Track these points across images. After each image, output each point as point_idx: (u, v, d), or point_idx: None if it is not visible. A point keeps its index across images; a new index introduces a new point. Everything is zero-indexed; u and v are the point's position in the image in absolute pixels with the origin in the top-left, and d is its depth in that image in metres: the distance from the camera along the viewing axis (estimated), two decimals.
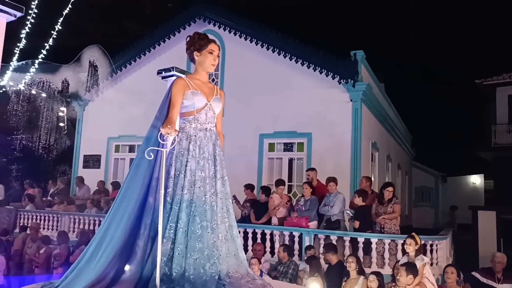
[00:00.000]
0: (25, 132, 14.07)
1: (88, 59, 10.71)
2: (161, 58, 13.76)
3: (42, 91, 11.88)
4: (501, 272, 6.88)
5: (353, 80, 11.10)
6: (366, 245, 7.95)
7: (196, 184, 3.24)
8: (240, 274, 3.26)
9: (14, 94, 11.47)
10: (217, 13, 13.00)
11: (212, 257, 3.13)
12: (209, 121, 3.45)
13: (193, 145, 3.33)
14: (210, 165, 3.36)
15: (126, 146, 14.46)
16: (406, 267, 5.78)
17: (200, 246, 3.11)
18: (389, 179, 15.28)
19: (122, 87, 13.88)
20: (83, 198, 12.40)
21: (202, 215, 3.18)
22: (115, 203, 3.29)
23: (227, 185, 3.45)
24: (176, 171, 3.28)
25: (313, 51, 11.57)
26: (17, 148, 14.91)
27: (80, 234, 9.67)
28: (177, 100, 3.35)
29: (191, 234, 3.13)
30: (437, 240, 8.46)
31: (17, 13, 3.81)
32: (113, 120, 13.74)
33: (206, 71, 3.57)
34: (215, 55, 3.54)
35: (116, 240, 3.10)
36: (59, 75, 11.18)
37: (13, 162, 18.06)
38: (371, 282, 6.12)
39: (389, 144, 16.43)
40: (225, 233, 3.32)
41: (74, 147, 14.94)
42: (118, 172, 14.40)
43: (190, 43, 3.55)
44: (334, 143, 11.14)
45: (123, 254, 3.10)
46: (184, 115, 3.44)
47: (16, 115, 12.18)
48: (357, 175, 10.85)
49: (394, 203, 8.17)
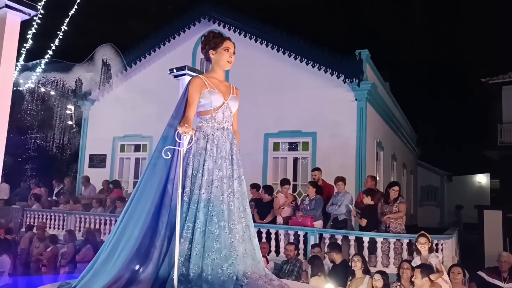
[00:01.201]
0: (36, 131, 14.18)
1: (98, 58, 10.76)
2: (166, 57, 13.81)
3: (51, 89, 11.96)
4: (507, 272, 6.86)
5: (358, 79, 11.09)
6: (371, 244, 7.94)
7: (214, 184, 3.22)
8: (258, 275, 3.24)
9: (28, 93, 11.56)
10: (222, 12, 13.02)
11: (230, 257, 3.11)
12: (226, 120, 3.42)
13: (210, 144, 3.31)
14: (227, 165, 3.34)
15: (131, 145, 14.52)
16: (422, 269, 5.76)
17: (218, 246, 3.09)
18: (394, 179, 15.24)
19: (127, 87, 13.93)
20: (89, 198, 12.47)
21: (219, 215, 3.16)
22: (132, 203, 3.27)
23: (244, 184, 3.43)
24: (194, 171, 3.25)
25: (318, 50, 11.56)
26: (31, 147, 15.02)
27: (86, 233, 9.72)
28: (194, 99, 3.32)
29: (208, 234, 3.11)
30: (443, 240, 8.44)
31: (31, 11, 3.79)
32: (118, 120, 13.79)
33: (222, 69, 3.53)
34: (231, 52, 3.51)
35: (133, 240, 3.08)
36: (68, 75, 11.25)
37: (26, 161, 18.16)
38: (376, 281, 6.12)
39: (394, 143, 16.39)
40: (242, 233, 3.29)
41: (80, 147, 15.03)
42: (124, 172, 14.47)
43: (205, 42, 3.53)
44: (339, 142, 11.13)
45: (140, 254, 3.08)
46: (201, 114, 3.41)
47: (30, 114, 12.29)
48: (362, 175, 10.84)
49: (400, 203, 8.17)
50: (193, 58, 13.59)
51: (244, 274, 3.15)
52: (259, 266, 3.34)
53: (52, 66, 10.98)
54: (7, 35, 3.68)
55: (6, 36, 3.68)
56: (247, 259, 3.25)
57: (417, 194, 24.37)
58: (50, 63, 10.69)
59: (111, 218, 10.69)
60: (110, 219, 10.67)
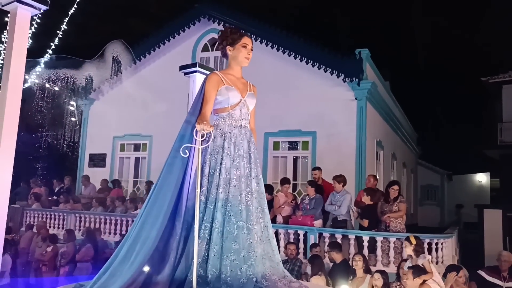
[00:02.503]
0: (39, 129, 14.19)
1: (101, 57, 10.75)
2: (165, 57, 13.82)
3: (51, 87, 11.95)
4: (507, 271, 6.86)
5: (358, 78, 11.08)
6: (371, 244, 7.94)
7: (232, 183, 3.14)
8: (277, 277, 3.15)
9: (38, 90, 11.56)
10: (222, 12, 13.01)
11: (249, 258, 3.03)
12: (243, 118, 3.36)
13: (228, 143, 3.23)
14: (245, 163, 3.26)
15: (131, 145, 14.52)
16: (413, 270, 5.75)
17: (236, 247, 3.00)
18: (394, 178, 15.24)
19: (126, 87, 13.92)
20: (89, 197, 12.48)
21: (238, 215, 3.08)
22: (149, 202, 3.19)
23: (261, 184, 3.37)
24: (211, 169, 3.18)
25: (318, 49, 11.56)
26: (42, 145, 15.03)
27: (86, 233, 9.71)
28: (210, 96, 3.24)
29: (227, 234, 3.02)
30: (443, 239, 8.44)
31: (42, 6, 3.71)
32: (118, 119, 13.79)
33: (240, 66, 3.45)
34: (249, 48, 3.42)
35: (151, 240, 3.01)
36: (68, 73, 11.24)
37: (35, 160, 18.14)
38: (376, 281, 6.11)
39: (394, 143, 16.39)
40: (260, 234, 3.21)
41: (80, 146, 15.03)
42: (124, 171, 14.47)
43: (222, 38, 3.43)
44: (339, 141, 11.13)
45: (157, 255, 3.02)
46: (218, 112, 3.33)
47: (41, 112, 12.31)
48: (362, 174, 10.84)
49: (400, 202, 8.16)
50: (193, 57, 13.57)
51: (263, 275, 3.07)
52: (278, 267, 3.26)
53: (51, 65, 10.97)
54: (17, 30, 3.61)
55: (16, 31, 3.60)
56: (266, 261, 3.18)
57: (417, 193, 24.37)
58: (49, 61, 10.68)
59: (111, 217, 10.70)
60: (110, 218, 10.68)
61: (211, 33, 13.50)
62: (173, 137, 12.35)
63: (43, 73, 11.20)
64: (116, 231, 10.45)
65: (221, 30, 3.52)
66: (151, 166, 13.76)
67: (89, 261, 8.73)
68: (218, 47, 3.50)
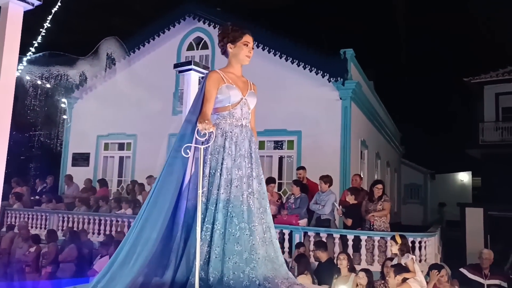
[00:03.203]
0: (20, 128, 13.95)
1: (83, 56, 10.62)
2: (150, 55, 13.74)
3: (36, 85, 11.77)
4: (488, 268, 6.97)
5: (343, 78, 11.16)
6: (355, 242, 8.00)
7: (233, 183, 3.07)
8: (280, 279, 3.06)
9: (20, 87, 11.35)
10: (207, 11, 12.99)
11: (251, 260, 2.96)
12: (244, 117, 3.27)
13: (229, 142, 3.16)
14: (246, 163, 3.19)
15: (115, 144, 14.40)
16: (395, 269, 5.81)
17: (238, 249, 2.94)
18: (378, 177, 15.38)
19: (110, 85, 13.80)
20: (72, 196, 12.34)
21: (239, 216, 3.01)
22: (149, 203, 3.11)
23: (263, 184, 3.31)
24: (211, 170, 3.11)
25: (303, 49, 11.61)
26: (35, 145, 14.80)
27: (69, 233, 9.60)
28: (211, 94, 3.17)
29: (229, 236, 2.96)
30: (426, 237, 8.53)
31: (35, 1, 3.59)
32: (102, 118, 13.66)
33: (240, 64, 3.36)
34: (250, 47, 3.34)
35: (151, 242, 2.94)
36: (52, 72, 11.08)
37: (20, 158, 17.81)
38: (360, 279, 6.17)
39: (378, 142, 16.53)
40: (262, 235, 3.14)
41: (63, 145, 14.85)
42: (108, 170, 14.35)
43: (223, 35, 3.35)
44: (323, 141, 11.19)
45: (158, 258, 2.96)
46: (219, 111, 3.25)
47: (33, 110, 12.12)
48: (347, 173, 10.92)
49: (384, 201, 8.23)
50: (178, 56, 13.52)
51: (266, 278, 2.99)
52: (281, 269, 3.18)
53: (35, 62, 10.81)
54: (9, 26, 3.50)
55: (8, 27, 3.47)
56: (268, 262, 3.10)
57: (401, 192, 24.61)
58: (32, 59, 10.51)
59: (94, 217, 10.60)
60: (94, 218, 10.59)
61: (196, 32, 13.46)
62: (158, 136, 12.47)
63: (27, 70, 11.02)
64: (100, 231, 10.37)
65: (221, 26, 3.41)
66: (135, 166, 13.67)
67: (73, 261, 8.64)
68: (218, 44, 3.42)
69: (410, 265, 5.93)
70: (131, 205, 10.67)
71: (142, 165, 13.03)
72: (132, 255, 2.95)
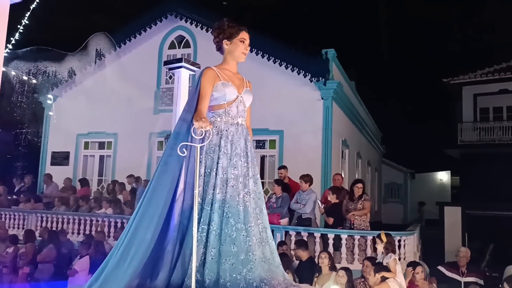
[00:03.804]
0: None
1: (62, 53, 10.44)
2: (131, 53, 13.61)
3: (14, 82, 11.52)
4: (465, 266, 7.10)
5: (324, 78, 11.24)
6: (336, 241, 8.07)
7: (229, 183, 3.01)
8: (277, 281, 3.00)
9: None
10: (189, 9, 12.93)
11: (248, 262, 2.90)
12: (240, 115, 3.20)
13: (224, 141, 3.09)
14: (242, 162, 3.12)
15: (95, 143, 14.23)
16: (375, 267, 5.86)
17: (235, 250, 2.88)
18: (359, 176, 15.52)
19: (91, 83, 13.63)
20: (50, 196, 12.15)
21: (236, 216, 2.95)
22: (143, 203, 3.03)
23: (259, 184, 3.23)
24: (207, 169, 3.03)
25: (285, 49, 11.65)
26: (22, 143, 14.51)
27: (48, 233, 9.46)
28: (206, 92, 3.09)
29: (225, 237, 2.89)
30: (405, 236, 8.65)
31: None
32: (82, 116, 13.50)
33: (236, 61, 3.31)
34: (247, 44, 3.30)
35: (146, 244, 2.88)
36: (31, 68, 10.87)
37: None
38: (340, 278, 6.20)
39: (359, 142, 16.68)
40: (259, 235, 3.07)
41: (42, 144, 14.62)
42: (88, 169, 14.17)
43: (219, 31, 3.27)
44: (305, 140, 11.25)
45: (153, 260, 2.89)
46: (214, 108, 3.17)
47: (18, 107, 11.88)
48: (328, 172, 11.00)
49: (364, 200, 8.32)
50: (160, 54, 13.43)
51: (262, 279, 2.93)
52: (278, 271, 3.12)
53: (14, 58, 10.59)
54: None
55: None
56: (265, 264, 3.04)
57: (381, 191, 24.89)
58: (9, 56, 10.29)
59: (74, 217, 10.47)
60: (74, 218, 10.46)
61: (178, 30, 13.39)
62: (139, 135, 12.38)
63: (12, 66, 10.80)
64: (80, 231, 10.24)
65: (217, 23, 3.33)
66: (116, 165, 13.53)
67: (51, 262, 8.51)
68: (214, 40, 3.33)
69: (392, 265, 5.99)
70: (111, 204, 10.57)
71: (123, 164, 12.91)
72: (126, 256, 2.88)
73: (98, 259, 8.08)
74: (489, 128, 18.68)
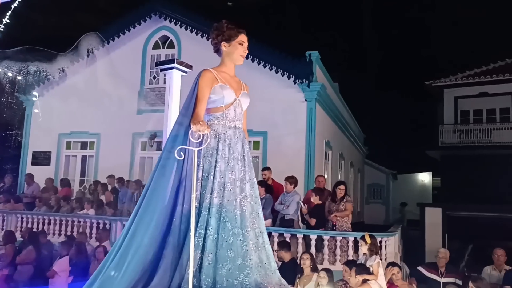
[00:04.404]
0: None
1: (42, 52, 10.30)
2: (115, 53, 13.51)
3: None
4: (444, 267, 7.20)
5: (308, 80, 11.32)
6: (318, 242, 8.12)
7: (226, 187, 2.97)
8: (273, 286, 2.98)
9: None
10: (173, 9, 12.91)
11: (245, 267, 2.87)
12: (237, 118, 3.17)
13: (222, 144, 3.05)
14: (240, 166, 3.09)
15: (78, 142, 14.09)
16: (357, 269, 5.91)
17: (232, 256, 2.85)
18: (341, 177, 15.65)
19: (73, 83, 13.49)
20: (31, 196, 12.00)
21: (233, 221, 2.92)
22: (141, 207, 2.98)
23: (256, 188, 3.20)
24: (204, 173, 2.99)
25: (269, 51, 11.70)
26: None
27: (28, 235, 9.34)
28: (204, 94, 3.05)
29: (222, 242, 2.86)
30: (386, 237, 8.75)
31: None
32: (64, 116, 13.35)
33: (234, 63, 3.28)
34: (245, 46, 3.27)
35: (143, 249, 2.84)
36: (11, 68, 10.71)
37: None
38: (321, 279, 6.24)
39: (342, 143, 16.82)
40: (255, 240, 3.04)
41: (23, 144, 14.41)
42: (70, 170, 14.02)
43: (218, 33, 3.23)
44: (288, 142, 11.32)
45: (150, 265, 2.85)
46: (212, 111, 3.12)
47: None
48: (311, 174, 11.07)
49: (346, 201, 8.40)
50: (143, 54, 13.37)
51: (258, 285, 2.90)
52: (274, 275, 3.08)
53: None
54: None
55: None
56: (261, 269, 3.00)
57: (364, 192, 25.11)
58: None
59: (55, 217, 10.35)
60: (55, 218, 10.33)
61: (162, 30, 13.34)
62: (122, 135, 12.33)
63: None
64: (61, 232, 10.13)
65: (215, 24, 3.28)
66: (98, 165, 13.41)
67: (31, 263, 8.39)
68: (212, 41, 3.30)
69: (375, 268, 6.03)
70: (93, 205, 10.48)
71: (105, 164, 12.81)
72: (123, 261, 2.84)
73: (80, 261, 8.03)
74: (469, 130, 18.97)
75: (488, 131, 18.51)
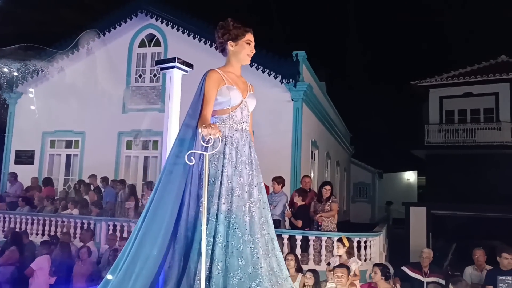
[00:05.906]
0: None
1: (24, 49, 10.16)
2: (100, 51, 13.36)
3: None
4: (427, 267, 7.28)
5: (295, 80, 11.32)
6: (303, 243, 8.15)
7: (234, 193, 2.84)
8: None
9: None
10: (160, 8, 12.82)
11: (256, 276, 2.73)
12: (244, 120, 3.04)
13: (229, 148, 2.91)
14: (248, 170, 2.96)
15: (62, 141, 13.92)
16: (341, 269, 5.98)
17: (242, 264, 2.72)
18: (328, 176, 15.71)
19: (57, 80, 13.33)
20: (14, 195, 11.84)
21: (242, 227, 2.78)
22: (148, 215, 2.84)
23: (264, 192, 3.07)
24: (211, 178, 2.84)
25: (256, 50, 11.65)
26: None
27: (11, 235, 9.20)
28: (211, 96, 2.94)
29: (232, 249, 2.73)
30: (371, 237, 8.81)
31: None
32: (48, 114, 13.17)
33: (240, 63, 3.18)
34: (252, 46, 3.15)
35: (152, 259, 2.71)
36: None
37: None
38: (307, 279, 6.28)
39: (328, 142, 16.88)
40: (265, 247, 2.90)
41: (5, 142, 14.20)
42: (54, 169, 13.86)
43: (224, 32, 3.11)
44: (275, 142, 11.30)
45: (159, 275, 2.76)
46: (218, 113, 3.00)
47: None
48: (297, 173, 11.09)
49: (332, 202, 8.44)
50: (129, 52, 13.26)
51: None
52: (287, 283, 2.94)
53: None
54: None
55: None
56: (272, 276, 2.86)
57: (350, 191, 25.25)
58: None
59: (38, 217, 10.23)
60: (38, 218, 10.21)
61: (148, 28, 13.24)
62: (107, 134, 12.23)
63: None
64: (45, 232, 10.01)
65: (221, 22, 3.16)
66: (83, 164, 13.28)
67: (14, 264, 8.27)
68: (217, 40, 3.18)
69: (357, 270, 6.15)
70: (77, 205, 10.37)
71: (90, 163, 12.69)
72: (131, 273, 2.71)
73: (64, 262, 7.94)
74: (454, 130, 19.18)
75: (473, 131, 18.73)
